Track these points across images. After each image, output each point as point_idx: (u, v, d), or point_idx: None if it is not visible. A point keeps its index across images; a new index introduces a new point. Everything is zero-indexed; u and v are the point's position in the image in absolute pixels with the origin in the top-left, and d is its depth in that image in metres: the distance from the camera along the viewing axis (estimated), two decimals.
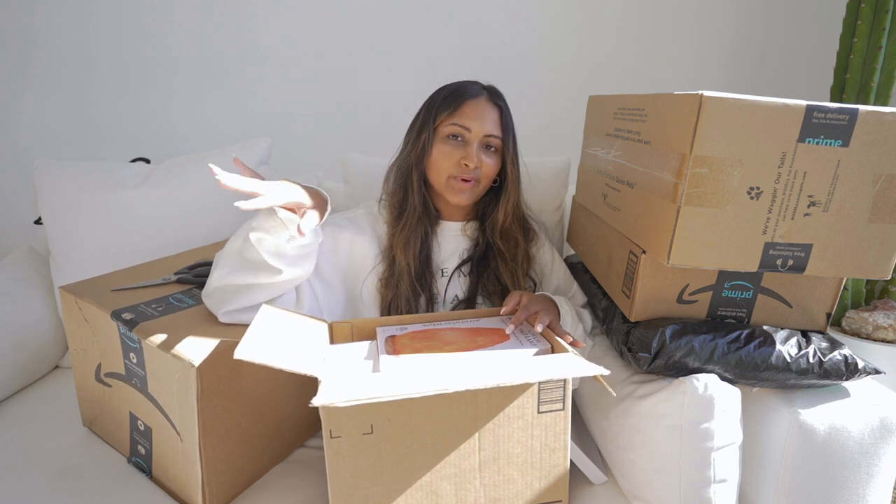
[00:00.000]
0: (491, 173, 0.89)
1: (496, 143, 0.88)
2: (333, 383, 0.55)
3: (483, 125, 0.86)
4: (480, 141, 0.86)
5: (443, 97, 0.88)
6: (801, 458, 0.66)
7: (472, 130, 0.85)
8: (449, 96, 0.87)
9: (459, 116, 0.86)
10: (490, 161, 0.88)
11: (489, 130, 0.86)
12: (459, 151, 0.86)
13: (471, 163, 0.85)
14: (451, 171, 0.86)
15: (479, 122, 0.85)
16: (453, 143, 0.86)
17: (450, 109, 0.86)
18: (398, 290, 0.89)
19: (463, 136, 0.86)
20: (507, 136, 0.88)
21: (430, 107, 0.89)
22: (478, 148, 0.86)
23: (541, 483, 0.63)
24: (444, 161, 0.86)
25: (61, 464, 0.80)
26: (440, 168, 0.87)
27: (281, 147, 1.34)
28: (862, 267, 0.65)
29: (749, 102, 0.58)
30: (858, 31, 1.24)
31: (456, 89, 0.88)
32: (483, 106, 0.87)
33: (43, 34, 1.57)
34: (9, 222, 1.68)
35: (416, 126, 0.90)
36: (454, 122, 0.85)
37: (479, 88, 0.89)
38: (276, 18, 1.61)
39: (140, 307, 0.76)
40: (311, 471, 0.80)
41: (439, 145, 0.87)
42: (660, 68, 1.69)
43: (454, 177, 0.87)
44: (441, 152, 0.86)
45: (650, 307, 0.74)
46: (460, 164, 0.85)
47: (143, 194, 1.10)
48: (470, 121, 0.85)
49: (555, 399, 0.61)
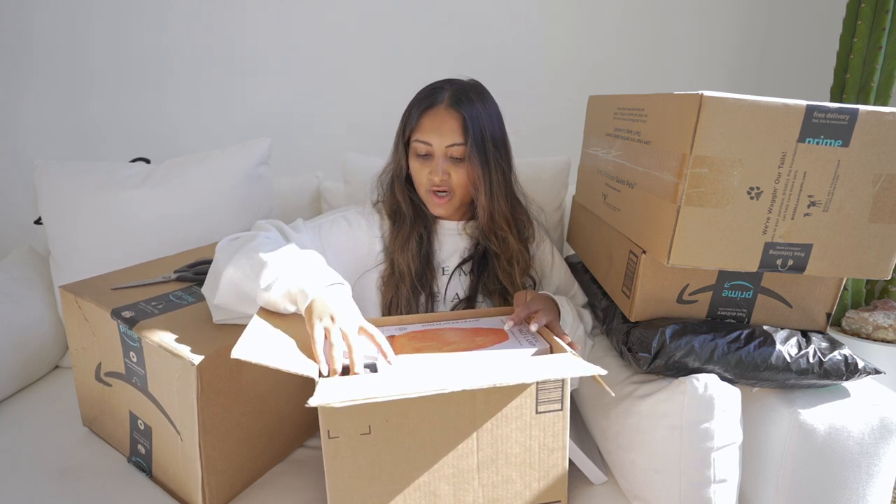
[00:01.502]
0: (462, 181, 0.87)
1: (458, 151, 0.85)
2: (330, 383, 0.55)
3: (442, 138, 0.84)
4: (444, 153, 0.85)
5: (410, 107, 0.88)
6: (801, 458, 0.66)
7: (434, 144, 0.85)
8: (413, 108, 0.87)
9: (420, 132, 0.86)
10: (458, 170, 0.86)
11: (449, 140, 0.84)
12: (427, 167, 0.87)
13: (436, 177, 0.85)
14: (426, 185, 0.88)
15: (437, 136, 0.84)
16: (422, 158, 0.87)
17: (413, 123, 0.86)
18: (399, 290, 0.89)
19: (427, 151, 0.86)
20: (468, 140, 0.84)
21: (404, 117, 0.89)
22: (444, 161, 0.85)
23: (539, 483, 0.63)
24: (417, 176, 0.89)
25: (61, 464, 0.80)
26: (417, 182, 0.90)
27: (281, 147, 1.34)
28: (862, 267, 0.65)
29: (749, 102, 0.58)
30: (858, 31, 1.24)
31: (420, 100, 0.87)
32: (441, 117, 0.84)
33: (43, 34, 1.57)
34: (9, 222, 1.68)
35: (397, 136, 0.91)
36: (417, 139, 0.86)
37: (437, 97, 0.86)
38: (277, 18, 1.61)
39: (140, 305, 0.76)
40: (310, 471, 0.80)
41: (412, 161, 0.88)
42: (660, 68, 1.69)
43: (430, 190, 0.88)
44: (414, 168, 0.89)
45: (650, 307, 0.74)
46: (430, 179, 0.87)
47: (143, 194, 1.10)
48: (430, 135, 0.85)
49: (553, 399, 0.61)
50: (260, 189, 1.19)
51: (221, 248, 0.74)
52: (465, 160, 0.86)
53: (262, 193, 1.20)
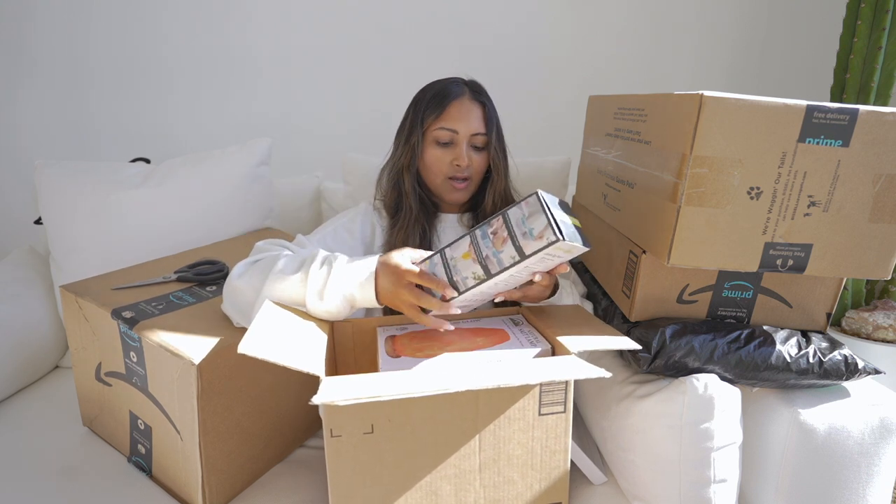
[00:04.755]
0: (481, 169, 0.93)
1: (482, 140, 0.91)
2: (334, 382, 0.55)
3: (469, 125, 0.89)
4: (468, 140, 0.90)
5: (427, 100, 0.91)
6: (801, 458, 0.66)
7: (460, 132, 0.89)
8: (433, 99, 0.90)
9: (445, 119, 0.89)
10: (479, 158, 0.92)
11: (475, 129, 0.90)
12: (450, 153, 0.90)
13: (462, 163, 0.89)
14: (446, 172, 0.91)
15: (464, 123, 0.89)
16: (443, 146, 0.90)
17: (436, 112, 0.89)
18: None
19: (452, 139, 0.89)
20: (490, 130, 0.91)
21: (416, 109, 0.92)
22: (467, 147, 0.90)
23: (541, 484, 0.63)
24: (437, 164, 0.91)
25: (61, 464, 0.80)
26: (435, 171, 0.91)
27: (281, 147, 1.34)
28: (862, 267, 0.65)
29: (749, 102, 0.58)
30: (858, 31, 1.24)
31: (440, 91, 0.91)
32: (467, 106, 0.90)
33: (43, 35, 1.57)
34: (9, 222, 1.68)
35: (404, 129, 0.93)
36: (441, 126, 0.89)
37: (461, 88, 0.91)
38: (277, 18, 1.61)
39: (140, 305, 0.76)
40: (310, 471, 0.80)
41: (430, 149, 0.90)
42: (660, 68, 1.69)
43: (450, 178, 0.91)
44: (433, 156, 0.90)
45: (650, 307, 0.74)
46: (453, 165, 0.90)
47: (143, 194, 1.10)
48: (456, 122, 0.89)
49: (556, 401, 0.61)
50: (260, 189, 1.19)
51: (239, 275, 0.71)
52: (486, 149, 0.92)
53: (262, 193, 1.20)
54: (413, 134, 0.90)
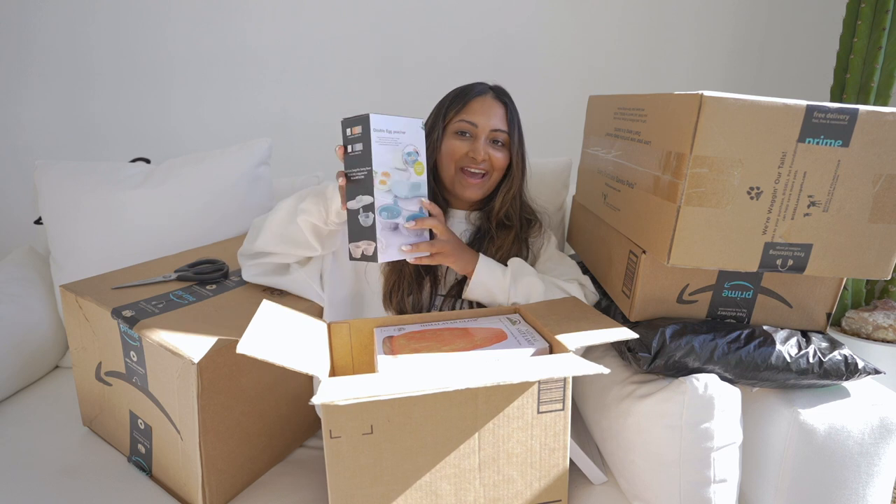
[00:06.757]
0: (501, 166, 0.93)
1: (503, 137, 0.92)
2: (333, 382, 0.55)
3: (489, 120, 0.90)
4: (487, 136, 0.91)
5: (451, 98, 0.93)
6: (801, 458, 0.66)
7: (479, 126, 0.90)
8: (457, 96, 0.93)
9: (466, 113, 0.91)
10: (499, 155, 0.92)
11: (495, 125, 0.91)
12: (467, 145, 0.91)
13: (477, 156, 0.90)
14: (459, 163, 0.91)
15: (485, 118, 0.90)
16: (461, 138, 0.91)
17: (457, 107, 0.91)
18: (402, 273, 0.91)
19: (470, 131, 0.91)
20: (512, 130, 0.92)
21: (439, 108, 0.94)
22: (485, 143, 0.91)
23: (540, 483, 0.63)
24: (452, 154, 0.91)
25: (61, 464, 0.80)
26: (448, 162, 0.92)
27: (281, 147, 1.34)
28: (862, 267, 0.65)
29: (749, 102, 0.58)
30: (858, 31, 1.24)
31: (464, 88, 0.94)
32: (489, 103, 0.91)
33: (43, 34, 1.57)
34: (9, 222, 1.68)
35: (430, 122, 0.94)
36: (461, 119, 0.91)
37: (485, 87, 0.94)
38: (277, 18, 1.61)
39: (140, 304, 0.76)
40: (310, 471, 0.80)
41: (448, 141, 0.92)
42: (660, 68, 1.69)
43: (462, 170, 0.91)
44: (449, 147, 0.91)
45: (650, 307, 0.74)
46: (467, 157, 0.90)
47: (144, 194, 1.10)
48: (476, 116, 0.90)
49: (555, 399, 0.61)
50: (260, 189, 1.19)
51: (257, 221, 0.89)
52: (506, 146, 0.93)
53: (262, 193, 1.20)
54: (434, 129, 0.92)
